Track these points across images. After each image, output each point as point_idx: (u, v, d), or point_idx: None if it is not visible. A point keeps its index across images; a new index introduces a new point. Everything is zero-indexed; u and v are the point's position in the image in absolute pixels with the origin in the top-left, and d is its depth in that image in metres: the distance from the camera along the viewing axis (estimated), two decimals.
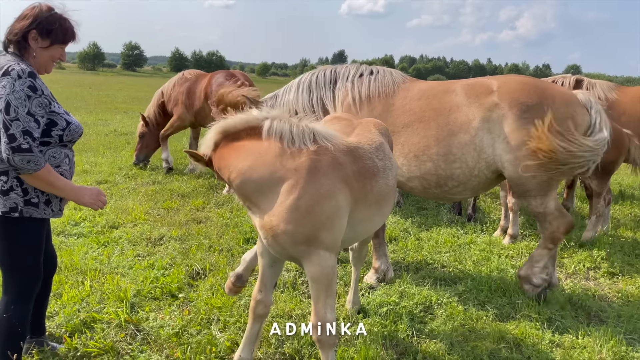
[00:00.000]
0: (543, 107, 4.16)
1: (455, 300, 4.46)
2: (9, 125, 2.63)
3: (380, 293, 4.52)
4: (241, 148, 2.92)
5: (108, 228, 6.06)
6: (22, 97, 2.67)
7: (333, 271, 2.88)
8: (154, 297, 4.31)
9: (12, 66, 2.70)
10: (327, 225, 2.80)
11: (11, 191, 2.79)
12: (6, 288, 2.93)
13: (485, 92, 4.40)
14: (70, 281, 4.45)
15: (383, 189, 3.15)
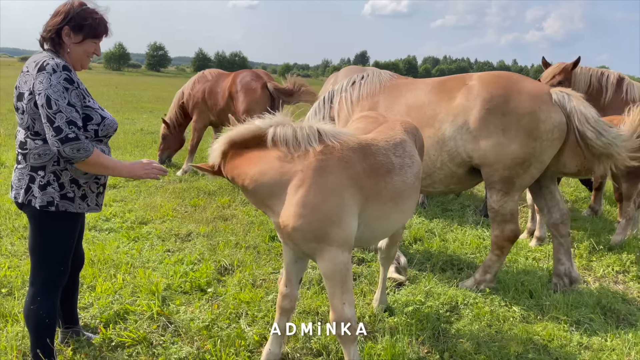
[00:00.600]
0: (505, 98, 4.24)
1: (481, 301, 4.46)
2: (53, 119, 2.69)
3: (406, 292, 4.54)
4: (251, 156, 3.01)
5: (138, 224, 6.20)
6: (60, 89, 2.72)
7: (346, 267, 2.92)
8: (184, 291, 4.40)
9: (47, 61, 2.75)
10: (336, 221, 2.85)
11: (48, 185, 2.84)
12: (33, 280, 2.99)
13: (458, 87, 4.52)
14: (103, 274, 4.57)
15: (399, 186, 3.16)
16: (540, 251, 5.89)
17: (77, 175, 2.91)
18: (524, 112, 4.19)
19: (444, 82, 4.75)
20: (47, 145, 2.80)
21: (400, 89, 4.96)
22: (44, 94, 2.69)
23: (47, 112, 2.69)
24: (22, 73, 2.83)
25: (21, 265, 4.68)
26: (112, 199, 7.21)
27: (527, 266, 5.28)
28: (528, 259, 5.62)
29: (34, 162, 2.83)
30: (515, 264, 5.37)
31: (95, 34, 2.94)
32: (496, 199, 4.47)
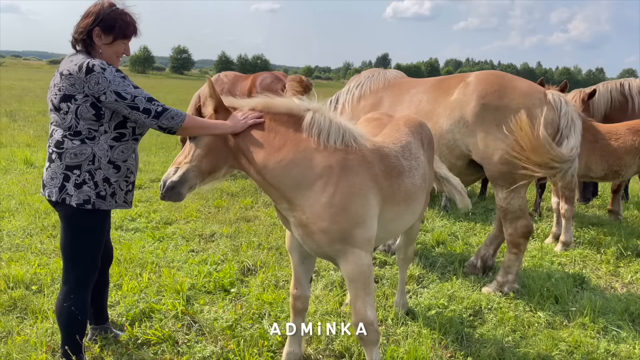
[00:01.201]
0: (500, 93, 4.39)
1: (505, 305, 4.41)
2: (135, 105, 2.81)
3: (429, 296, 4.52)
4: (279, 135, 2.87)
5: (162, 224, 6.30)
6: (119, 81, 2.80)
7: (369, 270, 2.91)
8: (208, 290, 4.46)
9: (91, 61, 2.79)
10: (361, 222, 2.84)
11: (84, 184, 2.91)
12: (66, 278, 3.06)
13: (456, 84, 4.69)
14: (129, 273, 4.66)
15: (410, 188, 3.19)
16: (565, 256, 5.79)
17: (109, 174, 2.96)
18: (517, 108, 4.28)
19: (443, 80, 4.99)
20: (84, 146, 2.87)
21: (403, 87, 5.19)
22: (109, 91, 2.78)
23: (125, 103, 2.80)
24: (63, 76, 2.83)
25: (50, 263, 4.80)
26: (137, 199, 7.33)
27: (553, 271, 5.20)
28: (553, 263, 5.53)
29: (69, 162, 2.88)
30: (541, 268, 5.30)
31: (125, 34, 2.98)
32: (502, 196, 4.54)
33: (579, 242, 6.33)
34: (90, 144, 2.89)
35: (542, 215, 7.60)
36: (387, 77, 5.43)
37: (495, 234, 5.14)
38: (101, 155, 2.92)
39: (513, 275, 4.68)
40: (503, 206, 4.56)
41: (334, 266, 5.08)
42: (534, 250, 5.91)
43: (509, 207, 4.54)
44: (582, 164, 6.03)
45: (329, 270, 5.00)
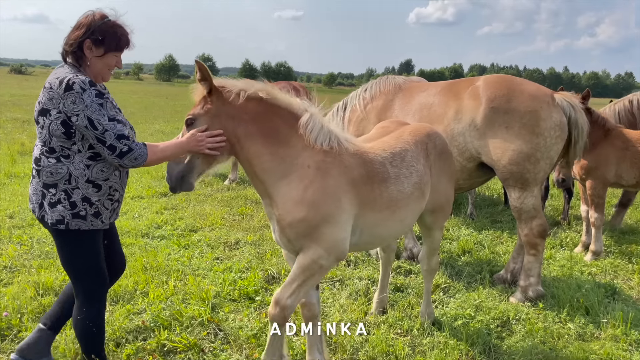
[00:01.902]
0: (509, 97, 4.48)
1: (534, 316, 4.32)
2: (103, 139, 2.70)
3: (455, 306, 4.46)
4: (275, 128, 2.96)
5: (188, 231, 6.36)
6: (96, 108, 2.69)
7: (320, 271, 2.96)
8: (233, 298, 4.48)
9: (72, 79, 2.68)
10: (331, 221, 2.89)
11: (58, 204, 2.79)
12: (76, 292, 3.01)
13: (465, 88, 4.79)
14: (155, 280, 4.71)
15: (395, 195, 3.18)
16: (596, 266, 5.65)
17: (89, 193, 2.83)
18: (526, 111, 4.42)
19: (453, 83, 5.08)
20: (60, 164, 2.78)
21: (413, 90, 5.30)
22: (83, 115, 2.67)
23: (94, 133, 2.69)
24: (44, 89, 2.77)
25: None
26: (163, 206, 7.43)
27: (583, 281, 5.08)
28: (583, 273, 5.40)
29: (46, 180, 2.80)
30: (570, 278, 5.18)
31: (117, 47, 2.87)
32: (515, 196, 4.57)
33: (609, 252, 6.17)
34: (66, 163, 2.78)
35: (570, 223, 7.44)
36: (397, 81, 5.57)
37: (521, 244, 5.06)
38: (78, 175, 2.80)
39: (535, 277, 4.64)
40: (517, 206, 4.59)
41: (359, 275, 5.06)
42: (563, 260, 5.78)
43: (522, 206, 4.56)
44: (613, 171, 5.91)
45: (353, 279, 4.98)
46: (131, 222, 6.52)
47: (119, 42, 2.86)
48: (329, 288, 4.79)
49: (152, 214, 6.98)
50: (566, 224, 7.42)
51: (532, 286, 4.64)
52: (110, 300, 4.32)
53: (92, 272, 2.97)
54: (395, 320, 4.12)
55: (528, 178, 4.48)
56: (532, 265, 4.65)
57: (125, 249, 5.49)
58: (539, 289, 4.64)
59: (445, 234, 6.59)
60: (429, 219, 3.77)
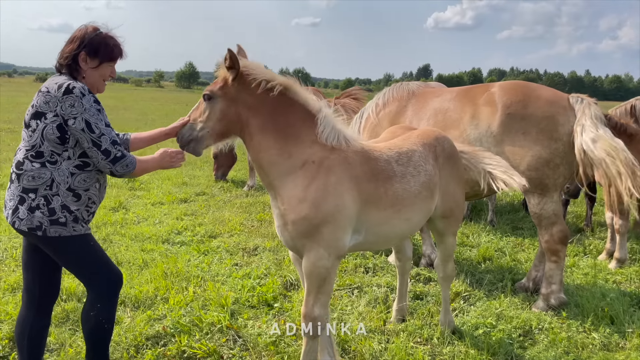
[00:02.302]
0: (525, 103, 4.46)
1: (557, 325, 4.24)
2: (99, 142, 2.76)
3: (476, 314, 4.40)
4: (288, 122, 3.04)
5: (207, 237, 6.41)
6: (94, 112, 2.76)
7: (327, 272, 3.00)
8: (251, 305, 4.49)
9: (72, 84, 2.74)
10: (331, 221, 2.93)
11: (37, 209, 2.76)
12: (90, 288, 3.01)
13: (481, 93, 4.77)
14: (175, 286, 4.75)
15: (401, 193, 3.20)
16: (620, 274, 5.53)
17: (68, 201, 2.81)
18: (543, 116, 4.40)
19: (469, 89, 5.07)
20: (44, 169, 2.77)
21: (427, 96, 5.28)
22: (81, 118, 2.72)
23: (91, 136, 2.74)
24: (40, 92, 2.80)
25: None
26: (183, 212, 7.50)
27: (607, 290, 4.97)
28: (608, 282, 5.29)
29: (26, 184, 2.77)
30: (594, 287, 5.07)
31: (111, 57, 2.94)
32: (535, 202, 4.52)
33: (634, 259, 6.03)
34: (51, 168, 2.78)
35: (594, 230, 7.30)
36: (410, 87, 5.58)
37: (542, 251, 4.98)
38: (60, 182, 2.79)
39: (557, 284, 4.56)
40: (536, 212, 4.54)
41: (377, 282, 5.03)
42: (586, 268, 5.67)
43: (542, 212, 4.50)
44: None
45: (371, 286, 4.95)
46: (152, 228, 6.60)
47: (112, 52, 2.94)
48: (347, 295, 4.77)
49: (172, 220, 7.05)
50: (589, 230, 7.28)
51: (554, 294, 4.55)
52: (131, 305, 4.36)
53: (100, 270, 2.96)
54: (415, 329, 4.08)
55: (547, 183, 4.43)
56: (554, 272, 4.57)
57: (146, 255, 5.56)
58: (561, 297, 4.55)
59: (465, 241, 6.52)
60: (440, 225, 3.76)
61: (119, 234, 6.32)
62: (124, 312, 4.26)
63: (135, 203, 8.01)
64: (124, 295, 4.47)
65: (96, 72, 2.92)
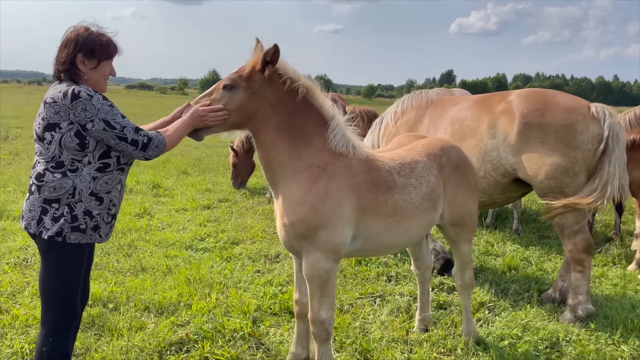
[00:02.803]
0: (542, 111, 4.44)
1: (585, 337, 4.13)
2: (124, 136, 2.74)
3: (501, 325, 4.32)
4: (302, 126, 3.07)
5: (230, 244, 6.45)
6: (107, 109, 2.72)
7: (327, 275, 3.04)
8: (274, 312, 4.49)
9: (76, 88, 2.70)
10: (328, 225, 2.97)
11: (61, 217, 2.76)
12: (44, 320, 2.89)
13: (498, 102, 4.77)
14: (199, 293, 4.78)
15: (401, 204, 3.21)
16: None
17: (91, 206, 2.81)
18: (561, 124, 4.36)
19: (485, 97, 5.09)
20: (65, 179, 2.75)
21: (445, 104, 5.30)
22: (98, 119, 2.69)
23: (114, 132, 2.72)
24: (47, 104, 2.74)
25: (126, 281, 5.02)
26: (206, 219, 7.57)
27: (637, 301, 4.83)
28: (638, 293, 5.15)
29: (48, 195, 2.75)
30: (624, 298, 4.94)
31: (109, 54, 2.89)
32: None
33: None
34: (72, 177, 2.76)
35: (623, 239, 7.12)
36: (429, 96, 5.59)
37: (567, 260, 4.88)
38: (82, 188, 2.77)
39: (584, 295, 4.44)
40: (558, 222, 4.46)
41: (400, 291, 4.99)
42: (615, 278, 5.52)
43: (564, 222, 4.42)
44: None
45: (394, 294, 4.91)
46: (176, 235, 6.67)
47: (109, 49, 2.89)
48: (370, 304, 4.74)
49: (195, 227, 7.11)
50: (618, 240, 7.10)
51: (581, 304, 4.44)
52: (155, 311, 4.41)
53: (66, 298, 2.86)
54: (438, 339, 4.03)
55: (567, 192, 4.34)
56: (580, 282, 4.46)
57: (169, 261, 5.62)
58: (589, 308, 4.44)
59: (490, 250, 6.43)
60: (452, 232, 3.75)
61: (144, 240, 6.40)
62: (147, 317, 4.31)
63: (159, 209, 8.11)
64: (148, 301, 4.52)
65: (96, 72, 2.88)
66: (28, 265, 5.38)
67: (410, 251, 4.19)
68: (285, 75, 3.04)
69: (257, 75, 3.02)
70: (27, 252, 5.64)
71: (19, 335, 3.89)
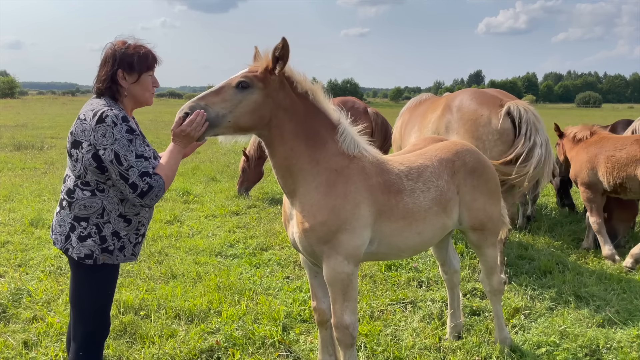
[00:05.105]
0: (451, 105, 5.46)
1: (627, 344, 3.97)
2: (126, 175, 2.64)
3: (537, 332, 4.18)
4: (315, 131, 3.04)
5: (259, 250, 6.45)
6: (125, 143, 2.64)
7: (349, 279, 3.02)
8: (303, 319, 4.46)
9: (106, 112, 2.65)
10: (348, 229, 2.97)
11: (88, 238, 2.74)
12: (74, 334, 2.88)
13: (440, 101, 5.85)
14: (228, 300, 4.78)
15: (410, 207, 3.21)
16: None
17: (119, 227, 2.80)
18: (468, 118, 5.22)
19: (438, 98, 6.20)
20: (94, 198, 2.73)
21: (420, 105, 6.38)
22: (110, 149, 2.63)
23: (119, 168, 2.64)
24: (79, 120, 2.73)
25: (157, 288, 5.07)
26: (235, 225, 7.60)
27: None
28: None
29: (78, 212, 2.74)
30: None
31: (148, 65, 2.83)
32: None
33: None
34: (101, 197, 2.74)
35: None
36: (420, 98, 6.54)
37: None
38: (111, 209, 2.76)
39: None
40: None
41: (431, 297, 4.89)
42: None
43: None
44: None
45: (425, 301, 4.82)
46: (205, 241, 6.71)
47: (147, 60, 2.83)
48: (401, 310, 4.66)
49: (224, 233, 7.15)
50: None
51: None
52: (185, 319, 4.43)
53: (100, 313, 2.87)
54: (472, 346, 3.92)
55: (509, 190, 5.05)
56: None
57: (199, 268, 5.65)
58: None
59: (524, 254, 6.26)
60: (474, 237, 3.66)
61: (174, 247, 6.46)
62: (178, 325, 4.33)
63: (189, 216, 8.19)
64: (179, 308, 4.55)
65: (138, 86, 2.82)
66: (62, 273, 5.48)
67: (437, 255, 4.11)
68: (296, 78, 3.01)
69: (270, 76, 2.92)
70: (61, 261, 5.76)
71: (53, 343, 3.96)
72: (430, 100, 6.31)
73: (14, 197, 8.95)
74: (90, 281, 2.81)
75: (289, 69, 2.99)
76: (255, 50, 3.07)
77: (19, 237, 6.63)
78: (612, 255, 5.95)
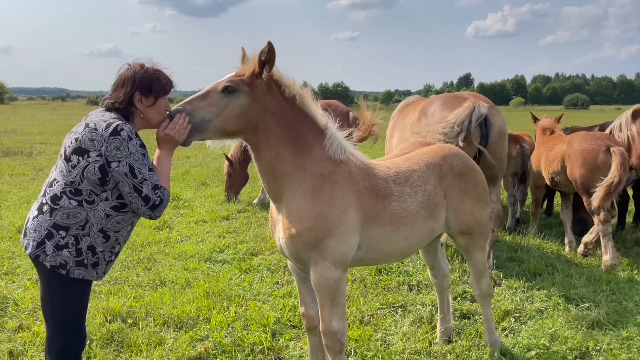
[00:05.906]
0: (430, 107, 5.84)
1: (617, 347, 3.98)
2: (140, 188, 2.67)
3: (527, 335, 4.18)
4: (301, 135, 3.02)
5: (249, 255, 6.41)
6: (139, 157, 2.68)
7: (337, 284, 3.00)
8: (293, 324, 4.43)
9: (121, 125, 2.66)
10: (336, 234, 2.95)
11: (65, 248, 2.69)
12: (51, 346, 2.80)
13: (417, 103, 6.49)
14: (217, 306, 4.74)
15: (398, 212, 3.19)
16: None
17: (96, 242, 2.76)
18: (438, 117, 5.59)
19: (419, 102, 6.58)
20: (80, 208, 2.70)
21: (406, 108, 6.73)
22: (125, 162, 2.65)
23: (133, 181, 2.66)
24: (87, 127, 2.69)
25: (145, 296, 5.01)
26: (225, 230, 7.55)
27: None
28: None
29: (59, 220, 2.69)
30: None
31: (165, 90, 2.86)
32: None
33: None
34: (87, 208, 2.70)
35: None
36: (408, 101, 6.96)
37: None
38: (94, 222, 2.72)
39: None
40: None
41: (422, 300, 4.88)
42: None
43: None
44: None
45: (416, 304, 4.81)
46: (195, 247, 6.66)
47: (165, 86, 2.86)
48: (391, 314, 4.64)
49: (214, 238, 7.10)
50: None
51: None
52: (174, 326, 4.38)
53: (75, 326, 2.81)
54: (462, 350, 3.92)
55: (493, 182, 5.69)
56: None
57: (188, 274, 5.61)
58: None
59: (513, 256, 6.27)
60: (462, 241, 3.66)
61: (163, 253, 6.41)
62: (166, 332, 4.28)
63: (179, 221, 8.13)
64: (167, 315, 4.50)
65: (154, 110, 2.83)
66: None
67: (426, 259, 4.11)
68: (284, 81, 2.98)
69: (257, 80, 2.90)
70: None
71: (39, 353, 3.90)
72: (413, 104, 6.62)
73: (1, 204, 8.85)
74: (63, 293, 2.75)
75: (278, 73, 2.97)
76: (242, 52, 3.05)
77: (6, 245, 6.54)
78: (570, 242, 6.61)
